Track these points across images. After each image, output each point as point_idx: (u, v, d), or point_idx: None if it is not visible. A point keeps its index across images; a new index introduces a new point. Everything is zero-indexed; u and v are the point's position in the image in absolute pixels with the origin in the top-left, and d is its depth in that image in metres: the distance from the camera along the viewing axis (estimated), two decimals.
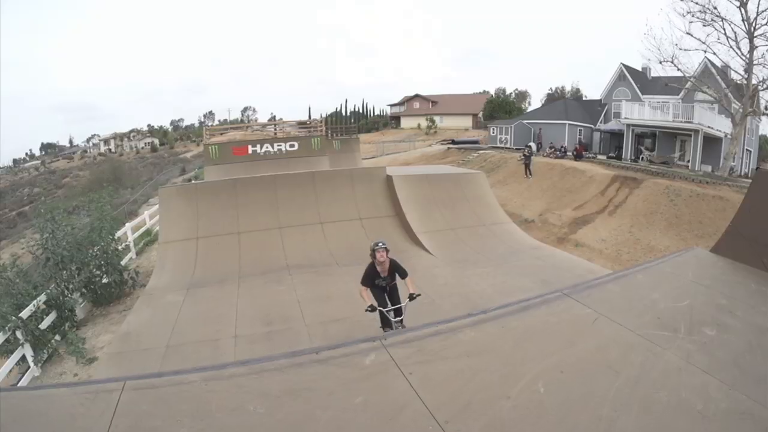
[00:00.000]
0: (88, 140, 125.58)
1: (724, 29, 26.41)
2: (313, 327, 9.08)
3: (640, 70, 43.37)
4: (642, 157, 34.85)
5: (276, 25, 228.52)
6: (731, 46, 26.48)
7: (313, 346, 8.20)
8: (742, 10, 25.41)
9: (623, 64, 43.50)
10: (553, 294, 5.36)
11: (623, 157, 36.13)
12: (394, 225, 13.68)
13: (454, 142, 52.40)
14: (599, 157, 36.22)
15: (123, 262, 14.47)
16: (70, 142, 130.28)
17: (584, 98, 65.38)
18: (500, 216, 15.10)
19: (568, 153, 34.59)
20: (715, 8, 26.33)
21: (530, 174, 29.44)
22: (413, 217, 13.66)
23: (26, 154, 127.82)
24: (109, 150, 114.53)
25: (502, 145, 44.55)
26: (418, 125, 76.15)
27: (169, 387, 3.89)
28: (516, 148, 40.44)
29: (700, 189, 21.39)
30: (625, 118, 36.62)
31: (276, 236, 13.24)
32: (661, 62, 29.20)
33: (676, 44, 31.39)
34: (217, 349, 8.68)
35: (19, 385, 9.15)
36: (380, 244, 7.87)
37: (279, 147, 24.57)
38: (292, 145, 24.43)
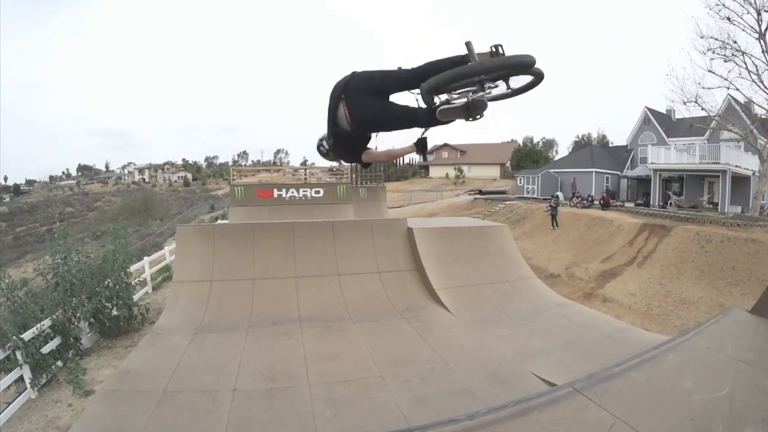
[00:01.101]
0: (123, 167, 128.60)
1: (745, 63, 26.29)
2: (316, 387, 8.45)
3: (664, 112, 43.34)
4: (670, 203, 34.16)
5: (310, 70, 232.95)
6: (753, 80, 26.22)
7: (314, 408, 7.74)
8: (762, 41, 25.15)
9: (647, 108, 43.49)
10: (563, 390, 4.36)
11: (651, 203, 35.47)
12: (413, 279, 13.07)
13: (481, 192, 52.23)
14: (627, 204, 35.54)
15: (137, 296, 14.51)
16: (107, 167, 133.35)
17: (611, 144, 64.87)
18: (524, 271, 14.41)
19: (595, 202, 33.88)
20: (735, 42, 26.24)
21: (557, 225, 28.85)
22: (433, 271, 13.02)
23: (63, 172, 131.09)
24: (143, 179, 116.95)
25: (529, 195, 44.04)
26: (447, 175, 76.31)
27: None
28: (543, 198, 39.84)
29: (731, 233, 20.66)
30: (652, 163, 36.19)
31: (291, 286, 12.71)
32: (684, 103, 28.99)
33: (699, 83, 30.96)
34: (214, 402, 8.17)
35: (13, 403, 9.05)
36: None
37: (304, 193, 24.54)
38: (317, 192, 24.39)
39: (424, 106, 3.62)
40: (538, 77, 3.47)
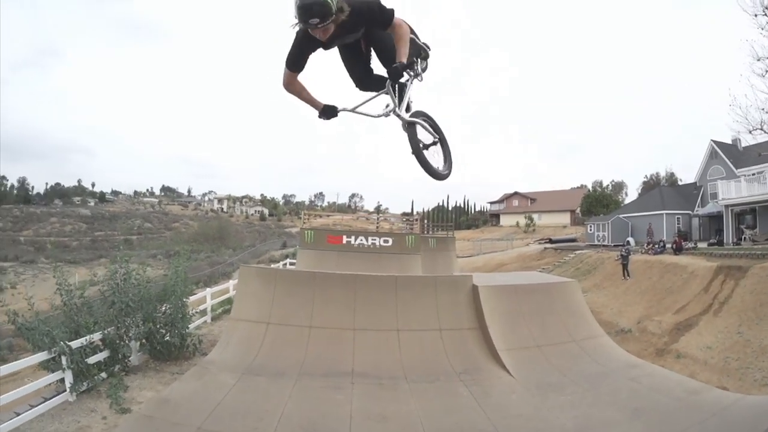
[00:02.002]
0: (204, 195, 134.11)
1: None
2: None
3: (730, 142, 41.56)
4: (744, 238, 32.24)
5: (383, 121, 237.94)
6: None
7: None
8: None
9: (713, 141, 42.09)
10: None
11: (725, 241, 33.57)
12: (476, 339, 12.11)
13: (551, 240, 50.88)
14: (700, 245, 33.43)
15: (195, 324, 15.00)
16: (189, 191, 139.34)
17: (680, 182, 62.39)
18: (593, 329, 13.29)
19: (667, 246, 32.14)
20: None
21: (628, 275, 27.48)
22: (496, 330, 12.02)
23: (147, 190, 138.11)
24: (221, 209, 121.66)
25: (600, 243, 42.62)
26: (517, 223, 75.22)
27: None
28: (614, 245, 38.54)
29: None
30: (722, 198, 34.52)
31: (348, 338, 12.04)
32: (750, 131, 26.90)
33: (763, 108, 29.07)
34: None
35: (50, 400, 9.50)
36: None
37: (373, 241, 24.52)
38: (386, 241, 24.30)
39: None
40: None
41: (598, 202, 68.05)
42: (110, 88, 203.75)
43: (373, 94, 4.56)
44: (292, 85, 4.31)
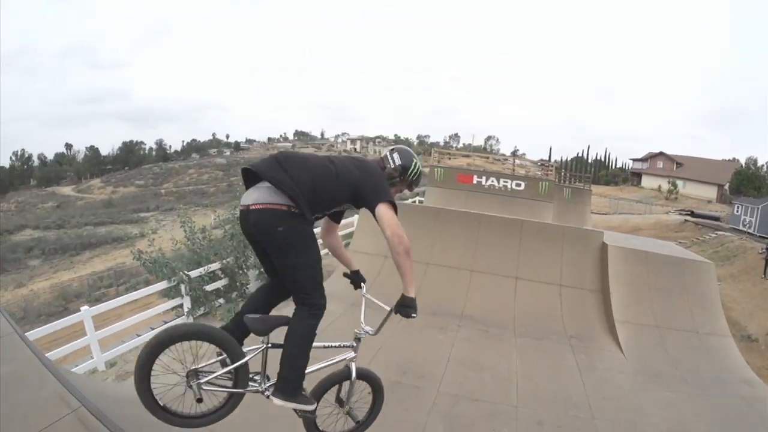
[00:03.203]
0: (337, 136, 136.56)
1: None
2: (442, 397, 7.59)
3: None
4: None
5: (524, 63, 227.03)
6: None
7: (428, 419, 6.94)
8: None
9: None
10: None
11: None
12: (595, 303, 11.12)
13: (692, 214, 46.03)
14: None
15: None
16: (322, 134, 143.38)
17: None
18: (719, 325, 11.29)
19: None
20: None
21: None
22: (618, 298, 10.89)
23: (281, 135, 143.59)
24: (354, 149, 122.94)
25: (745, 229, 37.64)
26: (659, 187, 69.36)
27: None
28: (759, 236, 33.91)
29: None
30: None
31: (464, 279, 11.69)
32: None
33: None
34: None
35: (169, 324, 9.67)
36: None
37: (505, 183, 23.43)
38: (518, 185, 23.10)
39: None
40: None
41: (749, 182, 61.86)
42: (238, 47, 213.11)
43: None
44: (329, 236, 4.35)
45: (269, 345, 3.53)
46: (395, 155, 4.03)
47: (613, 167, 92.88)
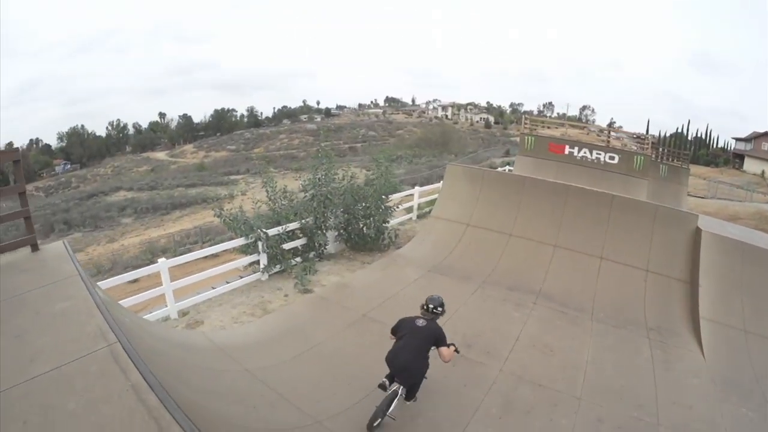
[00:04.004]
0: (428, 103, 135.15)
1: None
2: (505, 377, 7.25)
3: None
4: None
5: (624, 26, 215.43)
6: None
7: (486, 399, 6.69)
8: None
9: None
10: None
11: None
12: (681, 294, 9.92)
13: None
14: None
15: (398, 221, 15.68)
16: (413, 100, 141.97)
17: None
18: None
19: None
20: None
21: None
22: (707, 292, 9.57)
23: (371, 102, 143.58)
24: (446, 116, 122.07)
25: None
26: (763, 172, 63.80)
27: None
28: None
29: None
30: None
31: (546, 254, 11.06)
32: None
33: None
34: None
35: (244, 278, 11.11)
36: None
37: (597, 156, 22.03)
38: (612, 158, 21.63)
39: None
40: None
41: None
42: (323, 13, 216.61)
43: None
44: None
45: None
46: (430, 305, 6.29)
47: (714, 146, 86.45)
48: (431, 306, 6.16)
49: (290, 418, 5.93)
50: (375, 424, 5.79)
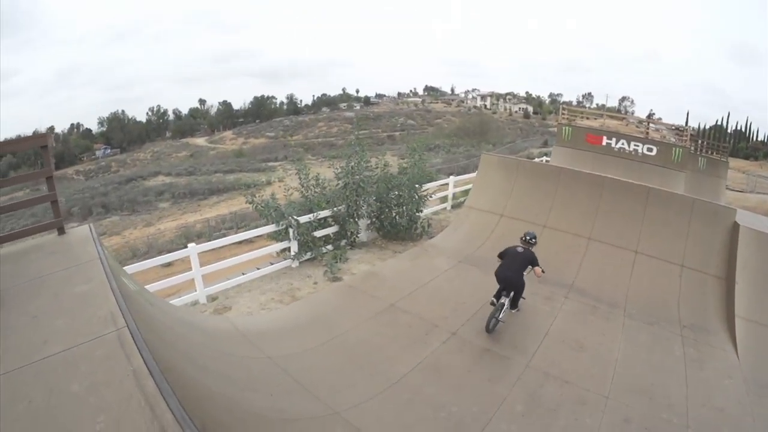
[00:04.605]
0: (467, 92, 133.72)
1: None
2: (531, 372, 7.13)
3: None
4: None
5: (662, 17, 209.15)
6: None
7: (511, 393, 6.58)
8: None
9: None
10: None
11: None
12: (717, 291, 9.54)
13: None
14: None
15: (431, 210, 15.78)
16: (452, 90, 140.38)
17: None
18: None
19: None
20: None
21: None
22: (743, 290, 9.18)
23: (410, 90, 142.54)
24: (484, 106, 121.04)
25: None
26: None
27: None
28: None
29: None
30: None
31: (580, 246, 10.87)
32: None
33: None
34: (427, 335, 7.97)
35: (274, 265, 11.30)
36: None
37: (635, 147, 21.58)
38: (649, 149, 21.16)
39: None
40: None
41: None
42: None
43: None
44: None
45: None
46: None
47: (754, 139, 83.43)
48: (528, 237, 8.66)
49: (307, 407, 5.96)
50: (491, 327, 7.99)
